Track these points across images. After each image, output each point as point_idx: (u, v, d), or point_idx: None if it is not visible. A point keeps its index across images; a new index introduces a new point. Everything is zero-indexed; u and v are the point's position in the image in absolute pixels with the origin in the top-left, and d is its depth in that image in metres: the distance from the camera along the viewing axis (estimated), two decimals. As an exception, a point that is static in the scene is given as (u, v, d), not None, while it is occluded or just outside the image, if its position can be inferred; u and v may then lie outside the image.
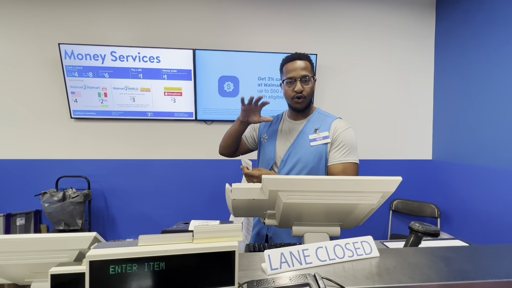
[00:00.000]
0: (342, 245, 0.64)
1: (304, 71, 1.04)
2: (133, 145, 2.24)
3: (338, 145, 1.04)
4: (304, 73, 1.04)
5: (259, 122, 1.09)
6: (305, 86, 1.04)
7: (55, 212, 1.94)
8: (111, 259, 0.39)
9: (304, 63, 1.05)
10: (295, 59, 1.05)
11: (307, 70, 1.05)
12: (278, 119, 1.20)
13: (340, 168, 1.02)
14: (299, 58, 1.05)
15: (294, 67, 1.04)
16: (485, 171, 1.92)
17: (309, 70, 1.05)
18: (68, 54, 2.03)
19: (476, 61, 2.00)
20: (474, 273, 0.56)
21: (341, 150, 1.03)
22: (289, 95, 1.07)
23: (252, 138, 1.27)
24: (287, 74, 1.06)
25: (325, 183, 0.67)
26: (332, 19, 2.30)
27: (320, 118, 1.11)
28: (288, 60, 1.07)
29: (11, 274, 0.58)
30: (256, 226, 1.16)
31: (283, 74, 1.09)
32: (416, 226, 0.80)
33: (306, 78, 1.04)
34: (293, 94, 1.05)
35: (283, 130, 1.14)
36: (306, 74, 1.04)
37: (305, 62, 1.05)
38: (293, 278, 0.48)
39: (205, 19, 2.20)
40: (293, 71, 1.04)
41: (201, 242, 0.43)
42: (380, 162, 2.42)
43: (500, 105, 1.82)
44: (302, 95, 1.05)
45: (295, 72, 1.04)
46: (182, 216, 2.23)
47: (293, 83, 1.05)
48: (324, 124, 1.08)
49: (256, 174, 0.97)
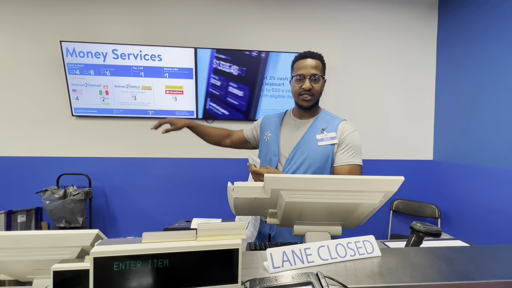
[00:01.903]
0: (344, 244, 0.64)
1: (314, 69, 1.04)
2: (134, 143, 2.24)
3: (345, 147, 1.05)
4: (314, 72, 1.03)
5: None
6: (314, 84, 1.04)
7: (56, 210, 1.94)
8: (115, 256, 0.39)
9: (316, 62, 1.04)
10: (307, 57, 1.05)
11: (318, 69, 1.04)
12: (281, 116, 1.19)
13: (347, 169, 1.03)
14: (312, 56, 1.05)
15: (305, 65, 1.04)
16: (486, 172, 1.92)
17: (320, 70, 1.05)
18: (70, 52, 2.03)
19: (478, 62, 1.99)
20: (475, 273, 0.56)
21: (348, 151, 1.04)
22: (296, 91, 1.07)
23: (253, 136, 1.28)
24: (297, 71, 1.06)
25: (328, 182, 0.67)
26: (334, 19, 2.30)
27: (327, 119, 1.11)
28: (300, 57, 1.07)
29: (13, 271, 0.58)
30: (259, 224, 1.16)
31: (294, 70, 1.09)
32: (418, 226, 0.80)
33: (315, 77, 1.04)
34: (301, 91, 1.05)
35: (287, 128, 1.13)
36: (316, 73, 1.04)
37: (316, 61, 1.05)
38: (296, 276, 0.48)
39: (207, 17, 2.20)
40: (303, 69, 1.04)
41: (204, 240, 0.43)
42: (381, 162, 2.42)
43: (501, 106, 1.82)
44: (310, 93, 1.05)
45: (305, 69, 1.04)
46: (183, 215, 2.23)
47: (302, 81, 1.04)
48: (331, 124, 1.08)
49: (263, 172, 0.96)
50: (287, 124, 1.15)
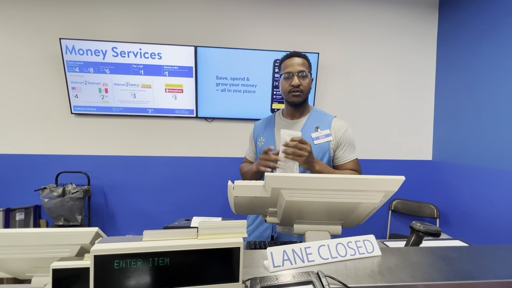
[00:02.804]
0: (344, 244, 0.64)
1: (301, 66, 1.09)
2: (134, 142, 2.23)
3: (344, 146, 1.12)
4: (301, 68, 1.08)
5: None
6: (302, 81, 1.09)
7: (54, 208, 1.93)
8: (116, 254, 0.39)
9: (302, 60, 1.10)
10: (293, 56, 1.11)
11: (304, 66, 1.10)
12: (271, 120, 1.22)
13: (351, 164, 1.13)
14: (297, 55, 1.11)
15: (292, 63, 1.09)
16: (485, 173, 1.93)
17: (306, 67, 1.11)
18: (69, 49, 2.02)
19: (478, 62, 1.99)
20: (476, 273, 0.56)
21: (348, 149, 1.13)
22: (286, 89, 1.11)
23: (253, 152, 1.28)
24: (285, 69, 1.11)
25: (328, 182, 0.67)
26: (334, 18, 2.29)
27: (319, 117, 1.16)
28: (287, 57, 1.13)
29: (12, 269, 0.58)
30: (260, 225, 1.16)
31: (281, 69, 1.14)
32: (418, 225, 0.80)
33: (303, 73, 1.09)
34: (290, 88, 1.10)
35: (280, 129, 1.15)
36: (303, 69, 1.09)
37: (302, 60, 1.10)
38: (296, 275, 0.48)
39: (207, 16, 2.19)
40: (291, 67, 1.09)
41: (205, 238, 0.42)
42: (380, 162, 2.42)
43: (501, 107, 1.82)
44: (299, 89, 1.09)
45: (292, 67, 1.09)
46: (182, 213, 2.23)
47: (291, 78, 1.09)
48: (324, 122, 1.13)
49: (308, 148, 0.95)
50: (279, 125, 1.17)
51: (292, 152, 0.95)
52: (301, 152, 0.94)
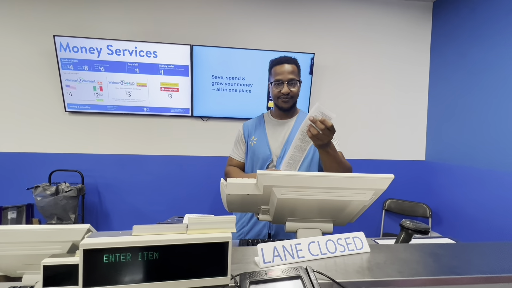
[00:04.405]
0: (334, 240, 0.65)
1: (291, 74, 1.11)
2: (128, 140, 2.22)
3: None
4: (291, 77, 1.11)
5: None
6: (291, 88, 1.12)
7: (47, 206, 1.92)
8: (105, 248, 0.39)
9: (292, 67, 1.12)
10: (283, 63, 1.12)
11: (294, 74, 1.12)
12: (261, 120, 1.25)
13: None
14: (288, 62, 1.12)
15: (282, 71, 1.11)
16: (477, 173, 1.96)
17: (296, 74, 1.13)
18: (64, 47, 2.00)
19: (471, 64, 2.03)
20: (460, 269, 0.58)
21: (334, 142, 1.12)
22: (276, 95, 1.15)
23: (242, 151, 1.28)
24: (275, 76, 1.12)
25: (319, 180, 0.68)
26: (330, 19, 2.31)
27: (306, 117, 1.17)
28: (277, 63, 1.13)
29: (3, 266, 0.58)
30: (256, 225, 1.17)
31: (272, 75, 1.16)
32: (407, 223, 0.81)
33: (293, 81, 1.12)
34: (280, 95, 1.13)
35: (271, 129, 1.21)
36: (293, 77, 1.11)
37: (292, 66, 1.12)
38: (285, 270, 0.49)
39: (203, 15, 2.19)
40: (281, 74, 1.11)
41: (195, 233, 0.43)
42: (374, 162, 2.45)
43: (493, 109, 1.86)
44: (289, 96, 1.13)
45: (282, 75, 1.11)
46: (176, 212, 2.23)
47: (281, 85, 1.12)
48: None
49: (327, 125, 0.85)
50: (269, 125, 1.22)
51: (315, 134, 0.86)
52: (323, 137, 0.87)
